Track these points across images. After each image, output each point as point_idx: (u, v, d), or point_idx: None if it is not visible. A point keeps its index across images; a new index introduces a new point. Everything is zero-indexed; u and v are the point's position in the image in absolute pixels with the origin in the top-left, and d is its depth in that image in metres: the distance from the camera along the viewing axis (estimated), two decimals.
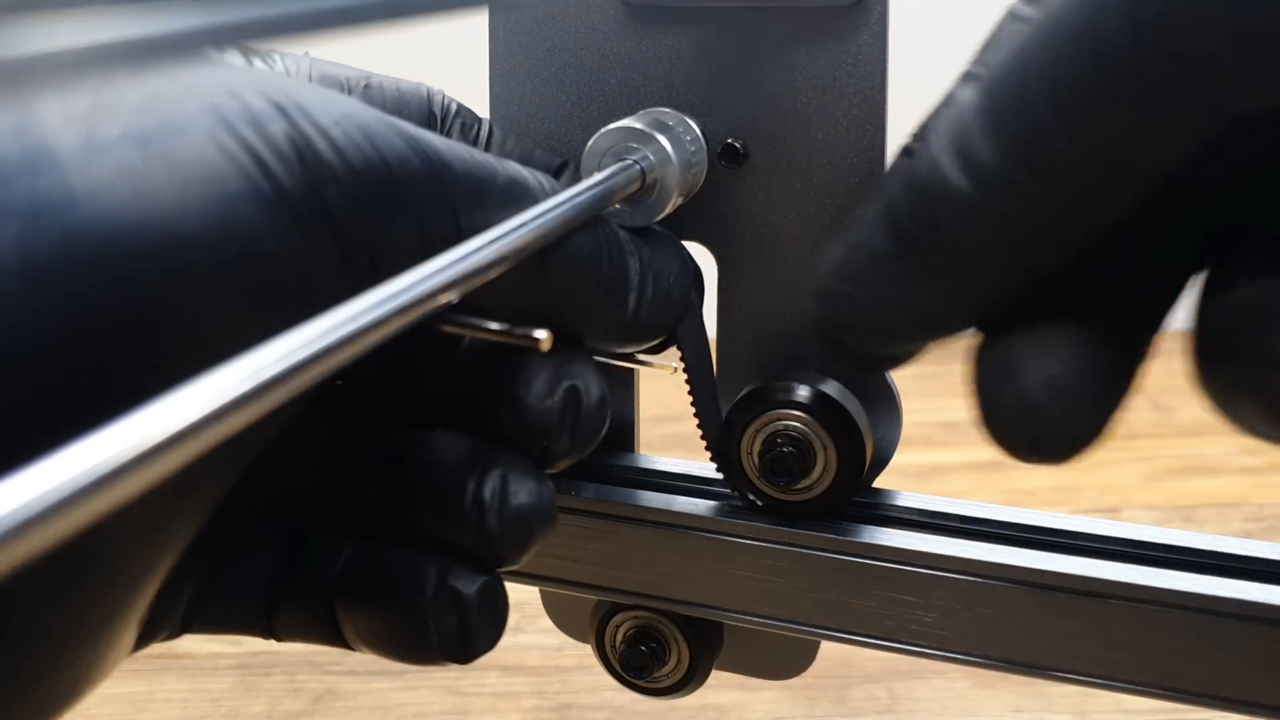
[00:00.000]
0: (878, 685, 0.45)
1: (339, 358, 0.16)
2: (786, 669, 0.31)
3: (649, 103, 0.28)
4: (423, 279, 0.18)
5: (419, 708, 0.44)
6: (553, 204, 0.22)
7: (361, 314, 0.17)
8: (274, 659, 0.47)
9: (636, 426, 0.31)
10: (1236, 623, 0.25)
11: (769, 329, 0.29)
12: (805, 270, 0.28)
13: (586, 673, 0.46)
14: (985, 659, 0.27)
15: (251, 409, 0.14)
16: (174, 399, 0.13)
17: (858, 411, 0.28)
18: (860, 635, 0.28)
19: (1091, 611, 0.26)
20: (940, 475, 0.62)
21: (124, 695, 0.44)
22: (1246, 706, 0.25)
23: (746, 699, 0.44)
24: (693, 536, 0.28)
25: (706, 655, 0.30)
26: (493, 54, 0.29)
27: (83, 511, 0.12)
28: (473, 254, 0.20)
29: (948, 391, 0.25)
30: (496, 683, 0.46)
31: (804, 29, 0.27)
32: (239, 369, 0.14)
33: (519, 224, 0.21)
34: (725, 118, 0.28)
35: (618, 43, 0.28)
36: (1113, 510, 0.56)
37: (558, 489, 0.29)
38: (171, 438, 0.13)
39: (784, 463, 0.27)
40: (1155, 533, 0.27)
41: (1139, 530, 0.27)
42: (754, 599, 0.28)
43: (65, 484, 0.12)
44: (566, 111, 0.29)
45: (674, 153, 0.26)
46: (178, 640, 0.48)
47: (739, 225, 0.28)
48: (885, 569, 0.27)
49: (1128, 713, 0.42)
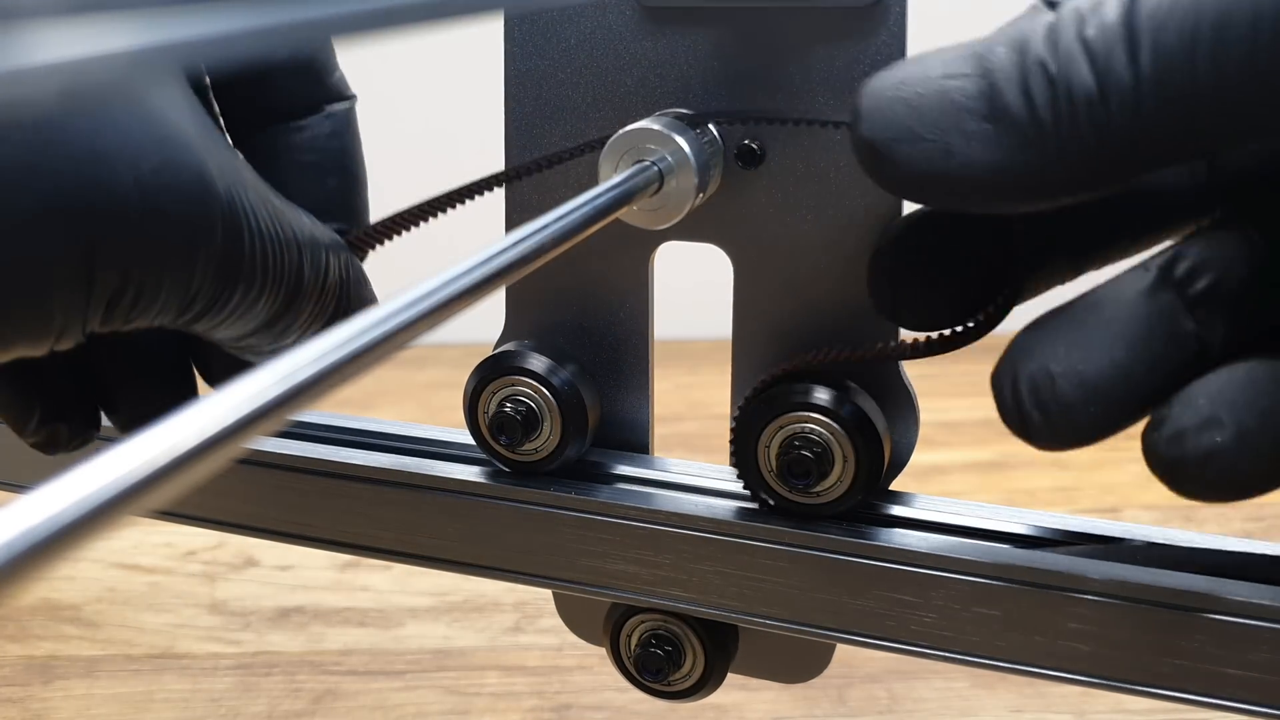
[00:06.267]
0: (878, 685, 0.45)
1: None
2: (802, 671, 0.31)
3: (665, 104, 0.28)
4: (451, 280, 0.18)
5: (419, 708, 0.44)
6: (572, 206, 0.22)
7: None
8: (274, 659, 0.47)
9: (651, 429, 0.31)
10: (1237, 623, 0.25)
11: (784, 330, 0.29)
12: (821, 272, 0.28)
13: (586, 673, 0.46)
14: (985, 659, 0.27)
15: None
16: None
17: (876, 414, 0.28)
18: (860, 635, 0.28)
19: (1091, 611, 0.26)
20: (940, 475, 0.62)
21: (124, 695, 0.44)
22: (1247, 706, 0.25)
23: (746, 699, 0.44)
24: (706, 539, 0.28)
25: (722, 658, 0.30)
26: (508, 56, 0.29)
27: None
28: (500, 254, 0.20)
29: (948, 391, 0.25)
30: (496, 683, 0.46)
31: (821, 29, 0.27)
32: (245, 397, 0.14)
33: (541, 225, 0.21)
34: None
35: (634, 44, 0.28)
36: (1113, 510, 0.56)
37: (570, 491, 0.29)
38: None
39: (802, 465, 0.27)
40: (1155, 533, 0.27)
41: (1139, 530, 0.27)
42: (760, 600, 0.28)
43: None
44: (582, 113, 0.29)
45: (691, 154, 0.26)
46: (178, 640, 0.48)
47: (755, 227, 0.28)
48: (885, 569, 0.27)
49: (1128, 713, 0.42)
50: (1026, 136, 0.20)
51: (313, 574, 0.52)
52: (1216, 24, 0.19)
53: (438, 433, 0.32)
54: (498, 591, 0.51)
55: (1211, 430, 0.21)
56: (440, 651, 0.47)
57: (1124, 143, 0.20)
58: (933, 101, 0.21)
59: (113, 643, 0.48)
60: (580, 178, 0.29)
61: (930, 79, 0.21)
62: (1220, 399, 0.21)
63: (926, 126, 0.21)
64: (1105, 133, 0.20)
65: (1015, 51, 0.21)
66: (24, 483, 0.34)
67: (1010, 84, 0.20)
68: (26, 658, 0.47)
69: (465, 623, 0.49)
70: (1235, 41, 0.19)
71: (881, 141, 0.21)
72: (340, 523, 0.31)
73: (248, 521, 0.32)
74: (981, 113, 0.21)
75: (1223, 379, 0.22)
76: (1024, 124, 0.20)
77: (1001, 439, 0.24)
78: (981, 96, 0.21)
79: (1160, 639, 0.25)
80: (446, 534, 0.30)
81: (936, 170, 0.21)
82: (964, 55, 0.21)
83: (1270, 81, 0.19)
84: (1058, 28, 0.20)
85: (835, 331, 0.28)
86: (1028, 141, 0.20)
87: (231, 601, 0.51)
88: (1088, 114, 0.20)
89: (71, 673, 0.46)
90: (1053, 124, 0.20)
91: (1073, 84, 0.20)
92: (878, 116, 0.22)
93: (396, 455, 0.31)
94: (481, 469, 0.30)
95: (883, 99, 0.21)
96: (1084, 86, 0.20)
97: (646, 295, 0.30)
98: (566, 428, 0.29)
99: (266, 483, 0.31)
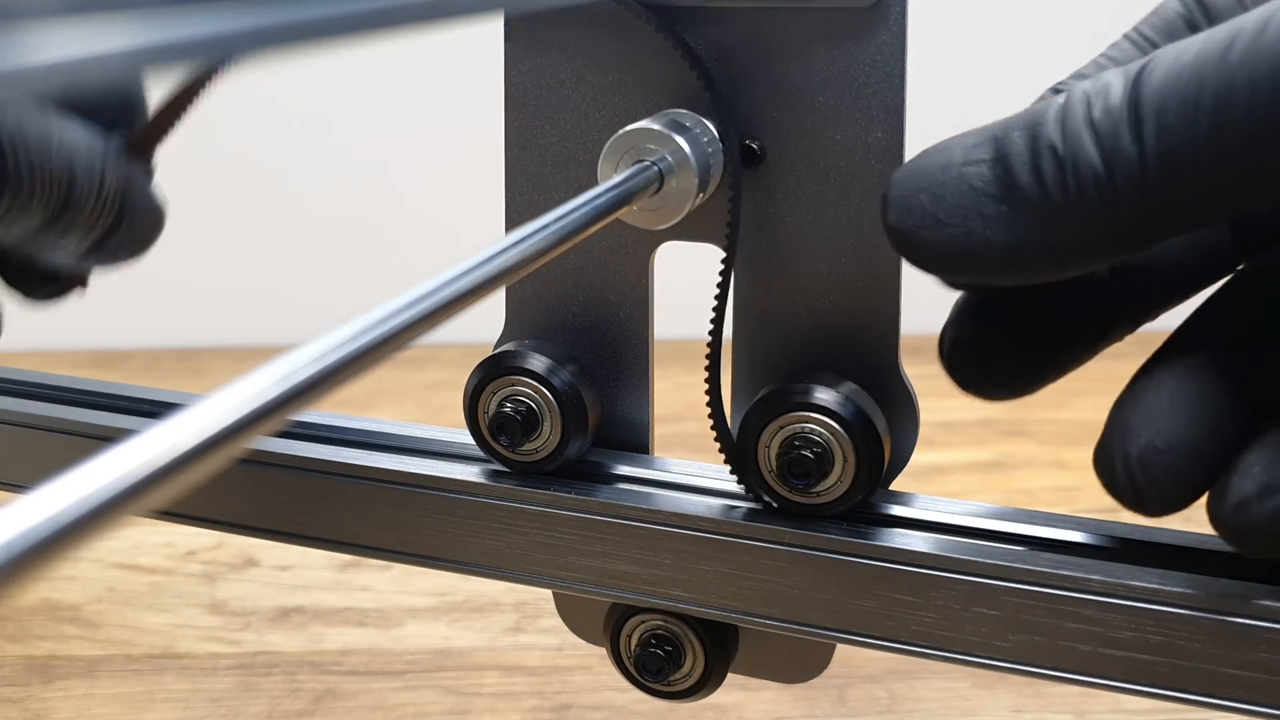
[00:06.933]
0: (878, 685, 0.45)
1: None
2: (802, 671, 0.31)
3: (665, 104, 0.28)
4: (451, 280, 0.18)
5: (419, 708, 0.44)
6: (572, 206, 0.22)
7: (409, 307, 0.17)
8: (274, 659, 0.47)
9: (651, 429, 0.31)
10: (1236, 623, 0.25)
11: (785, 331, 0.29)
12: (822, 273, 0.28)
13: (586, 673, 0.46)
14: (985, 659, 0.27)
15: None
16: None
17: (876, 414, 0.28)
18: (860, 635, 0.28)
19: (1091, 611, 0.26)
20: (940, 475, 0.62)
21: (124, 695, 0.44)
22: (1247, 706, 0.25)
23: (746, 699, 0.44)
24: (706, 539, 0.28)
25: (722, 658, 0.30)
26: (509, 56, 0.29)
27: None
28: (500, 254, 0.20)
29: (948, 391, 0.25)
30: (496, 683, 0.46)
31: (822, 30, 0.27)
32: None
33: (541, 225, 0.21)
34: (742, 119, 0.28)
35: (634, 44, 0.28)
36: (1113, 510, 0.56)
37: (570, 491, 0.29)
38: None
39: (802, 465, 0.27)
40: (1155, 533, 0.27)
41: (1139, 530, 0.27)
42: (760, 600, 0.28)
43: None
44: (583, 113, 0.29)
45: (692, 154, 0.26)
46: (178, 640, 0.48)
47: (754, 227, 0.28)
48: (885, 569, 0.27)
49: (1128, 713, 0.42)
50: (1040, 216, 0.22)
51: (313, 574, 0.52)
52: (1215, 102, 0.20)
53: (438, 433, 0.32)
54: (498, 591, 0.51)
55: (1273, 496, 0.23)
56: (440, 651, 0.47)
57: (1133, 217, 0.21)
58: (953, 189, 0.23)
59: (113, 643, 0.48)
60: (580, 178, 0.29)
61: (951, 166, 0.23)
62: (1276, 466, 0.23)
63: (948, 213, 0.23)
64: (1114, 209, 0.21)
65: (1028, 134, 0.22)
66: (24, 483, 0.34)
67: (1024, 167, 0.22)
68: (26, 658, 0.47)
69: (465, 623, 0.49)
70: (1233, 118, 0.20)
71: (908, 229, 0.23)
72: (340, 523, 0.31)
73: (248, 521, 0.32)
74: (998, 196, 0.22)
75: (1275, 445, 0.23)
76: (1037, 204, 0.22)
77: (1001, 439, 0.24)
78: (997, 181, 0.22)
79: (1160, 639, 0.25)
80: (446, 534, 0.30)
81: (959, 252, 0.23)
82: (984, 139, 0.23)
83: (1269, 154, 0.20)
84: (1066, 109, 0.22)
85: (835, 332, 0.28)
86: (1041, 220, 0.22)
87: (231, 601, 0.51)
88: (1096, 192, 0.21)
89: (71, 673, 0.46)
90: (1063, 203, 0.21)
91: (1079, 164, 0.21)
92: (903, 205, 0.23)
93: (396, 455, 0.31)
94: (481, 469, 0.30)
95: (908, 188, 0.23)
96: (1090, 166, 0.21)
97: (646, 295, 0.30)
98: (566, 428, 0.29)
99: (266, 483, 0.31)
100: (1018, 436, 0.65)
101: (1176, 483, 0.23)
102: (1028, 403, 0.27)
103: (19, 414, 0.33)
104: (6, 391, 0.34)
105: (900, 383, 0.28)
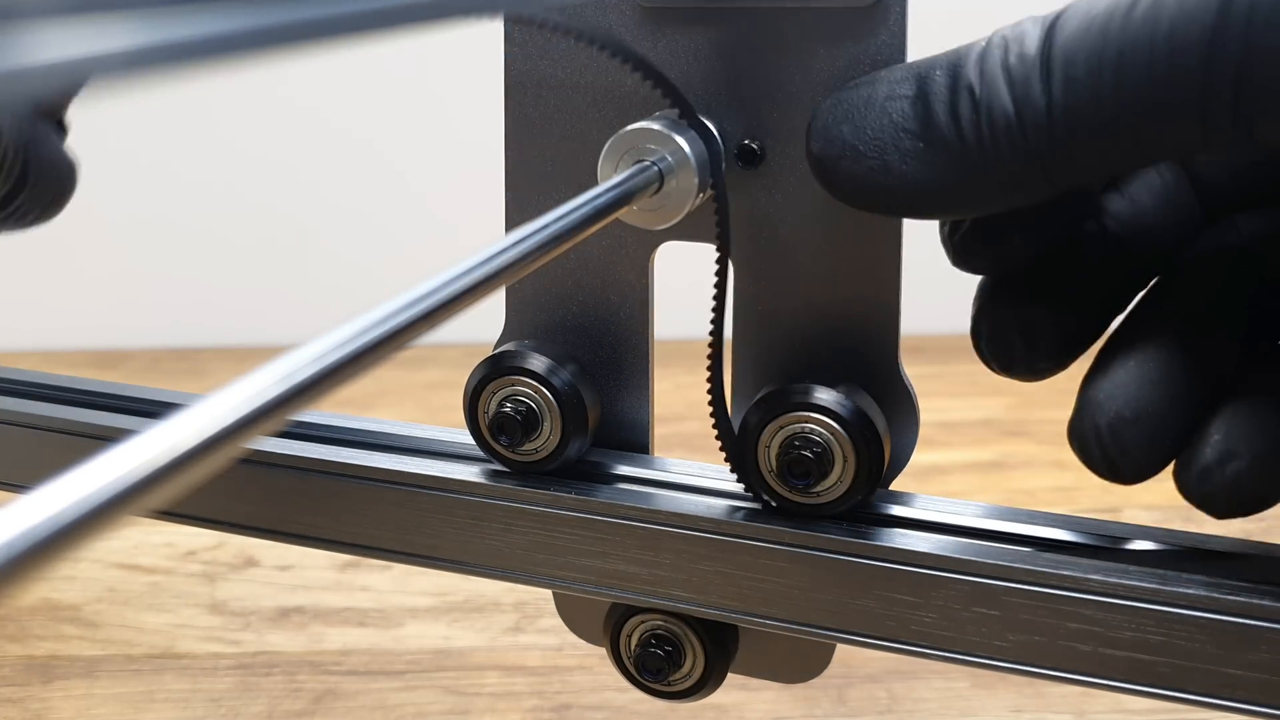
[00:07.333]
0: (878, 685, 0.45)
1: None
2: (802, 671, 0.31)
3: (665, 104, 0.28)
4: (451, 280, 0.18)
5: (419, 708, 0.44)
6: (572, 206, 0.22)
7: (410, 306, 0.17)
8: (274, 659, 0.47)
9: (651, 429, 0.31)
10: (1236, 623, 0.25)
11: (784, 331, 0.29)
12: (822, 273, 0.28)
13: (586, 673, 0.46)
14: (985, 659, 0.27)
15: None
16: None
17: (876, 414, 0.28)
18: (860, 635, 0.28)
19: (1091, 611, 0.26)
20: (940, 475, 0.62)
21: (124, 695, 0.44)
22: (1247, 706, 0.25)
23: (746, 699, 0.44)
24: (706, 539, 0.28)
25: (722, 658, 0.30)
26: (508, 56, 0.29)
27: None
28: (500, 254, 0.20)
29: (948, 391, 0.25)
30: (496, 683, 0.46)
31: (822, 30, 0.27)
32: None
33: (541, 225, 0.21)
34: (742, 119, 0.28)
35: (634, 44, 0.28)
36: (1113, 510, 0.56)
37: (570, 491, 0.29)
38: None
39: (802, 465, 0.27)
40: (1155, 532, 0.27)
41: (1139, 530, 0.27)
42: (760, 600, 0.28)
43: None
44: (583, 113, 0.29)
45: (691, 154, 0.26)
46: (178, 640, 0.48)
47: (755, 227, 0.28)
48: (885, 569, 0.27)
49: (1128, 713, 0.42)
50: (954, 156, 0.23)
51: (313, 574, 0.52)
52: (1119, 59, 0.21)
53: (437, 433, 0.32)
54: (498, 591, 0.51)
55: (1232, 462, 0.24)
56: (440, 651, 0.47)
57: (1041, 163, 0.22)
58: (874, 122, 0.23)
59: (113, 643, 0.48)
60: (580, 178, 0.29)
61: (875, 99, 0.23)
62: (1233, 434, 0.24)
63: (867, 145, 0.23)
64: (1022, 154, 0.22)
65: (949, 74, 0.23)
66: (24, 483, 0.34)
67: (942, 106, 0.23)
68: (26, 658, 0.47)
69: (465, 623, 0.49)
70: (1134, 72, 0.21)
71: (828, 158, 0.24)
72: (340, 523, 0.31)
73: (248, 521, 0.32)
74: (915, 133, 0.23)
75: (1232, 415, 0.24)
76: (952, 144, 0.23)
77: (1001, 439, 0.25)
78: (917, 118, 0.23)
79: (1160, 639, 0.25)
80: (446, 534, 0.30)
81: (875, 185, 0.23)
82: (909, 75, 0.23)
83: (1166, 112, 0.21)
84: (986, 53, 0.22)
85: (835, 332, 0.28)
86: (955, 160, 0.23)
87: (231, 601, 0.51)
88: (1007, 138, 0.22)
89: (71, 673, 0.46)
90: (976, 145, 0.22)
91: (993, 109, 0.22)
92: (825, 135, 0.24)
93: (396, 455, 0.31)
94: (481, 469, 0.30)
95: (832, 118, 0.24)
96: (1004, 112, 0.22)
97: (646, 295, 0.30)
98: (566, 428, 0.29)
99: (266, 483, 0.31)
100: (1018, 436, 0.65)
101: (1147, 451, 0.24)
102: (1028, 403, 0.27)
103: (19, 414, 0.33)
104: (6, 391, 0.34)
105: (900, 383, 0.28)
